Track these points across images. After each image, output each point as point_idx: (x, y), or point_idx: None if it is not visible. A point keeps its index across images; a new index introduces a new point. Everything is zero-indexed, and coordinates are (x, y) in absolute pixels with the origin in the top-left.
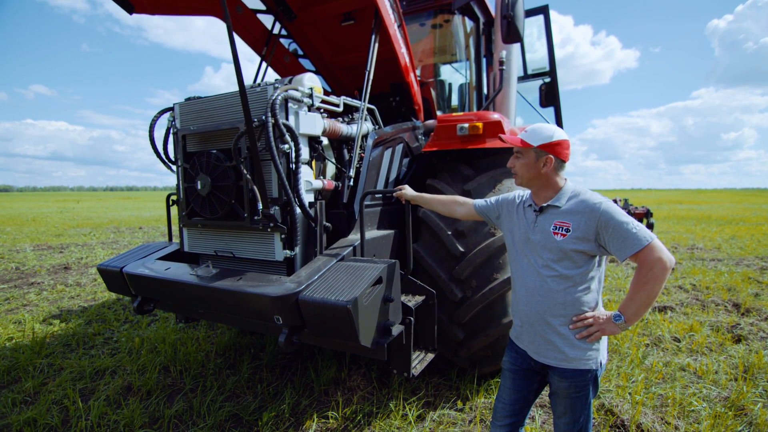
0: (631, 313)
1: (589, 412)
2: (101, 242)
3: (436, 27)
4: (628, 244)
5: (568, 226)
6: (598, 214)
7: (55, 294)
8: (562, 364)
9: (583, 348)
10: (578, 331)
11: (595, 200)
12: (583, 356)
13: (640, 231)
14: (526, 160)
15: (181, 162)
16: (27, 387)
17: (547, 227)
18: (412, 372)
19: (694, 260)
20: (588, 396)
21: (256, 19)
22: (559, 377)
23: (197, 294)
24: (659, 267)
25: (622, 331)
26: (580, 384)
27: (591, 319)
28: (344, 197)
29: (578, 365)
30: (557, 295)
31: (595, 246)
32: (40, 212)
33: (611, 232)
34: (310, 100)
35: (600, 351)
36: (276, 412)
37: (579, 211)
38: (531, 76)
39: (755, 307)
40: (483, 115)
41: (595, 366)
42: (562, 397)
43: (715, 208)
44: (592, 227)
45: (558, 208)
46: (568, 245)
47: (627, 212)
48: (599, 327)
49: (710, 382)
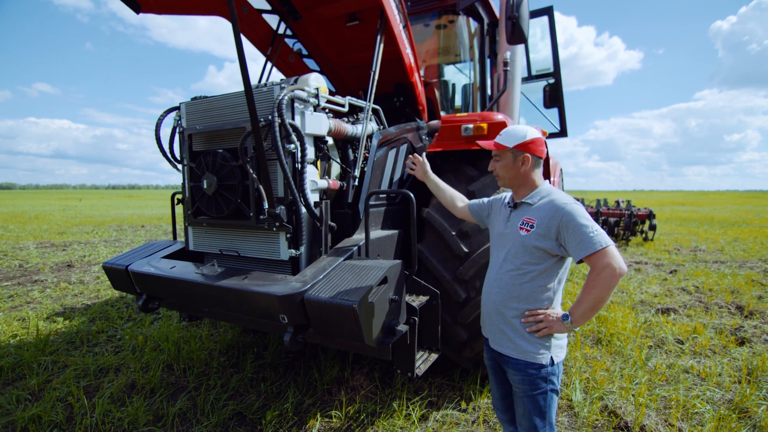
0: (578, 315)
1: (548, 423)
2: (104, 240)
3: (440, 27)
4: (583, 246)
5: (533, 222)
6: (561, 214)
7: (59, 291)
8: (513, 353)
9: (535, 342)
10: (529, 325)
11: (562, 201)
12: (534, 350)
13: (597, 236)
14: (505, 162)
15: (187, 161)
16: (31, 384)
17: (517, 222)
18: (416, 372)
19: (697, 262)
20: (545, 397)
21: (261, 19)
22: (513, 369)
23: (203, 292)
24: (607, 272)
25: (568, 331)
26: (533, 380)
27: (542, 316)
28: (349, 197)
29: (529, 357)
30: (512, 288)
31: (555, 245)
32: (42, 210)
33: (570, 232)
34: (316, 100)
35: (552, 347)
36: (279, 411)
37: (545, 210)
38: (535, 77)
39: (759, 310)
40: (487, 115)
41: (545, 361)
42: (520, 397)
43: (717, 210)
44: (554, 226)
45: (530, 205)
46: (530, 241)
47: (629, 214)
48: (548, 324)
49: (714, 384)
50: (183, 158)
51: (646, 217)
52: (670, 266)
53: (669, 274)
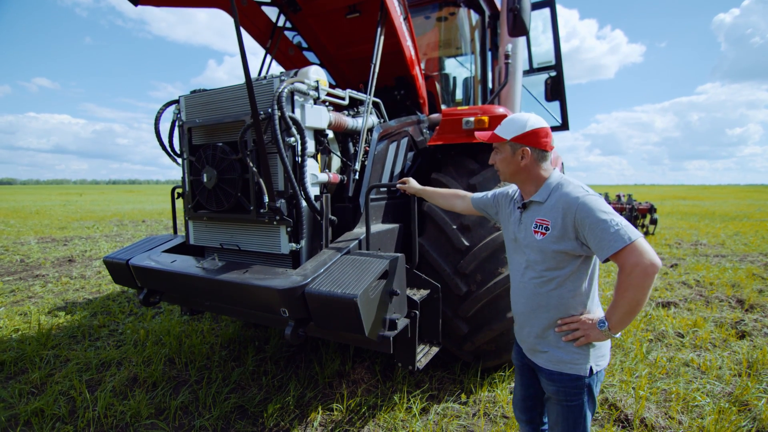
0: (615, 321)
1: (583, 429)
2: (105, 235)
3: (441, 20)
4: (605, 244)
5: (547, 224)
6: (575, 210)
7: (60, 286)
8: (548, 365)
9: (571, 351)
10: (564, 334)
11: (574, 194)
12: (569, 360)
13: (621, 229)
14: (504, 155)
15: (186, 155)
16: (34, 378)
17: (530, 225)
18: (417, 365)
19: (698, 256)
20: (581, 409)
21: (260, 11)
22: (547, 380)
23: (203, 286)
24: (639, 271)
25: (607, 338)
26: (569, 391)
27: (577, 323)
28: (350, 191)
29: (564, 369)
30: (539, 297)
31: (576, 244)
32: (43, 205)
33: (588, 230)
34: (316, 93)
35: (590, 356)
36: (281, 404)
37: (558, 207)
38: (536, 70)
39: (759, 303)
40: (488, 108)
41: (583, 372)
42: (554, 404)
43: (719, 204)
44: (570, 225)
45: (540, 204)
46: (548, 245)
47: (630, 208)
48: (584, 332)
49: (714, 377)
50: (183, 152)
51: (647, 211)
52: (670, 260)
53: (670, 268)
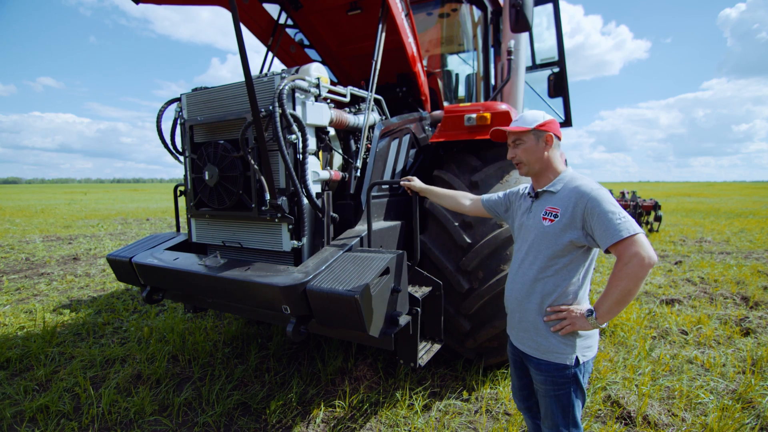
0: (604, 310)
1: (572, 422)
2: (109, 233)
3: (443, 16)
4: (608, 233)
5: (557, 211)
6: (587, 200)
7: (65, 284)
8: (535, 353)
9: (559, 340)
10: (552, 324)
11: (588, 187)
12: (556, 349)
13: (625, 222)
14: (528, 145)
15: (188, 153)
16: (39, 375)
17: (539, 213)
18: (419, 362)
19: (703, 253)
20: (569, 398)
21: (261, 8)
22: (535, 369)
23: (206, 284)
24: (635, 262)
25: (593, 328)
26: (556, 380)
27: (564, 312)
28: (351, 188)
29: (551, 358)
30: (535, 282)
31: (581, 234)
32: (48, 204)
33: (596, 219)
34: (317, 90)
35: (576, 347)
36: (283, 401)
37: (570, 197)
38: (539, 66)
39: (764, 301)
40: (491, 105)
41: (570, 362)
42: (542, 395)
43: (724, 201)
44: (579, 214)
45: (553, 193)
46: (554, 231)
47: (634, 205)
48: (570, 320)
49: (718, 374)
50: (185, 150)
51: (652, 208)
52: (675, 257)
53: (674, 265)
